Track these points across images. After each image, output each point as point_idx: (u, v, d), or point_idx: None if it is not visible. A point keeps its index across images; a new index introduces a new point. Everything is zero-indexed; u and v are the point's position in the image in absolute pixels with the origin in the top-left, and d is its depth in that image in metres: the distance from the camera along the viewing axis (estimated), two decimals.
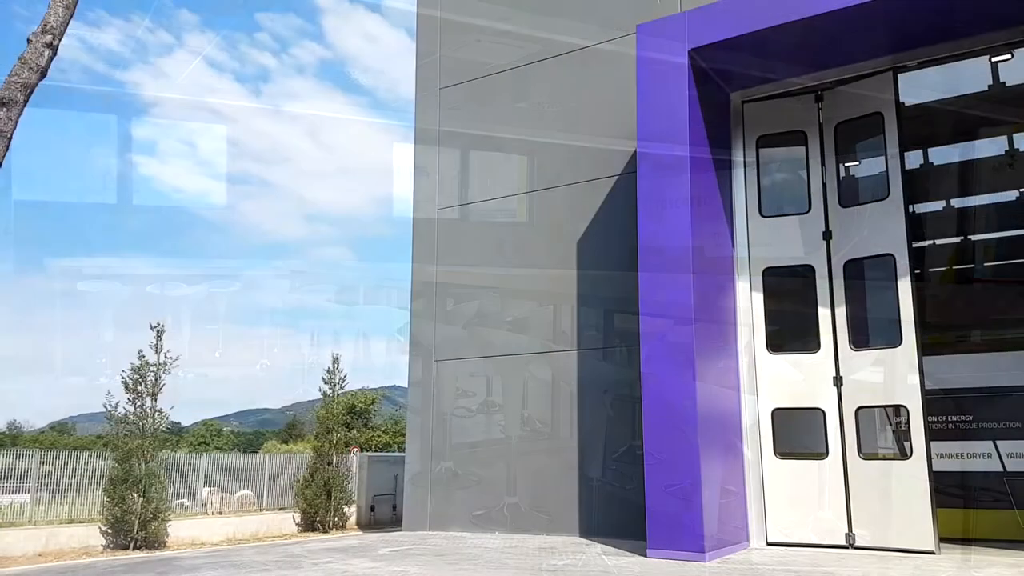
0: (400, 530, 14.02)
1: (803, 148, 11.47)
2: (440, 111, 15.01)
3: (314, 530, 19.44)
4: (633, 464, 11.11)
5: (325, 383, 21.48)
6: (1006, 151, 14.68)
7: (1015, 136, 14.63)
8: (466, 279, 14.14)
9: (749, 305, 11.22)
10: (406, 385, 14.74)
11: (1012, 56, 11.64)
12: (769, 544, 10.55)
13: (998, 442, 11.80)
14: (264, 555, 10.72)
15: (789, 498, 10.58)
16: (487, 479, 13.10)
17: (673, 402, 9.74)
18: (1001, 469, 11.75)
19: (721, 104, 11.45)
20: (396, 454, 29.04)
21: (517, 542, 11.26)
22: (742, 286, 11.26)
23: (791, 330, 11.32)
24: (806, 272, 11.11)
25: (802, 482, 10.58)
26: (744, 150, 11.63)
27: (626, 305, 11.65)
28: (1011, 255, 20.32)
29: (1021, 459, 11.65)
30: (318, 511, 19.51)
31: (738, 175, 11.58)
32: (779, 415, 10.88)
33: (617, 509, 11.61)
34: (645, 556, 9.50)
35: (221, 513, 20.29)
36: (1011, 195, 17.04)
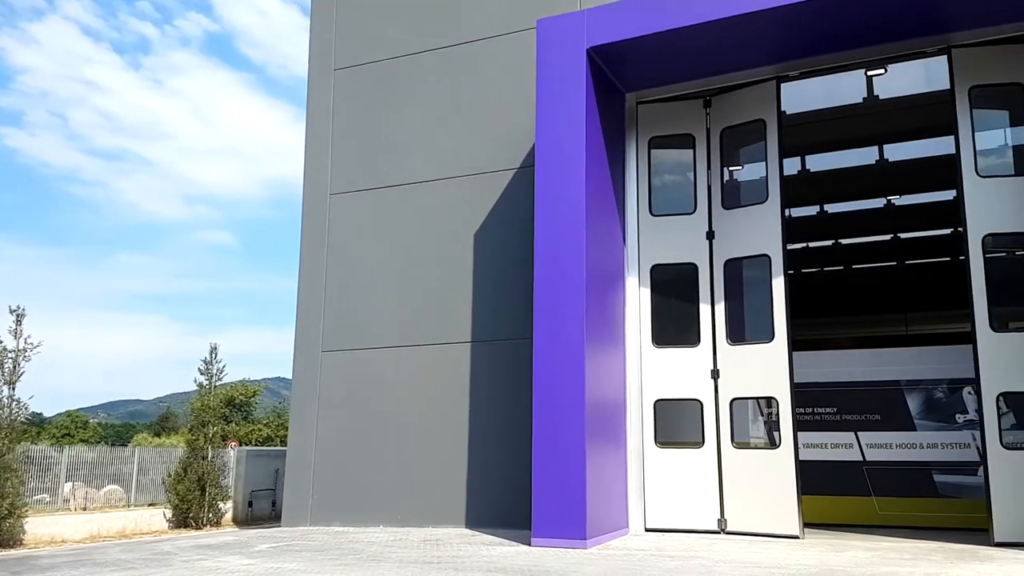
0: (279, 526, 13.59)
1: (691, 151, 11.86)
2: (335, 93, 14.60)
3: (187, 527, 18.60)
4: (521, 455, 11.19)
5: (201, 374, 20.58)
6: (876, 160, 15.68)
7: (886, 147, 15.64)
8: (357, 268, 13.82)
9: (637, 300, 11.52)
10: (290, 376, 14.28)
11: (886, 71, 12.44)
12: (647, 530, 10.89)
13: (859, 433, 12.63)
14: (130, 553, 10.13)
15: (667, 486, 10.95)
16: (372, 473, 12.86)
17: (563, 394, 9.86)
18: (861, 459, 12.58)
19: (617, 104, 11.68)
20: (278, 448, 28.20)
21: (401, 535, 11.13)
22: (631, 282, 11.55)
23: (675, 325, 11.70)
24: (690, 270, 11.51)
25: (680, 470, 10.96)
26: (637, 150, 11.93)
27: (521, 298, 11.70)
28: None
29: (878, 449, 12.51)
30: (191, 507, 18.68)
31: (631, 174, 11.86)
32: (661, 406, 11.23)
33: (505, 500, 11.65)
34: (529, 545, 9.59)
35: (85, 509, 19.13)
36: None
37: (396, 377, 13.03)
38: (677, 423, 11.38)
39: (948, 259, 18.39)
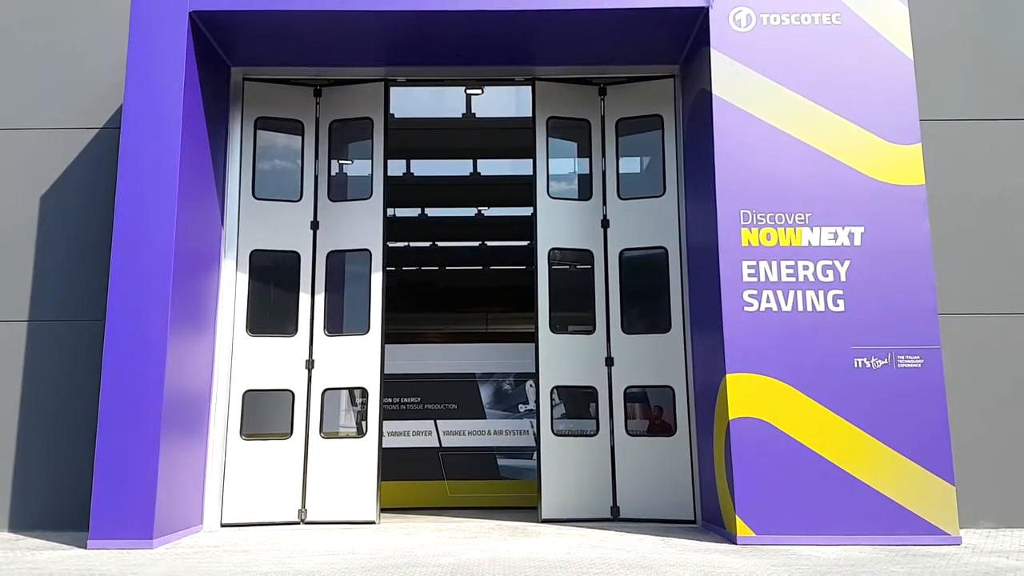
0: None
1: (300, 138, 11.74)
2: None
3: None
4: (84, 449, 10.01)
5: None
6: (471, 173, 17.16)
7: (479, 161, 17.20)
8: None
9: (233, 286, 11.03)
10: None
11: (482, 91, 13.65)
12: (224, 525, 10.46)
13: (438, 421, 13.67)
14: None
15: (249, 479, 10.66)
16: None
17: (137, 384, 9.00)
18: (438, 445, 13.63)
19: (222, 76, 11.04)
20: None
21: None
22: (228, 266, 11.00)
23: (272, 313, 11.47)
24: (292, 258, 11.39)
25: (264, 462, 10.75)
26: (242, 128, 11.38)
27: (96, 275, 10.44)
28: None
29: (453, 436, 13.67)
30: None
31: (233, 153, 11.26)
32: (250, 397, 10.90)
33: (60, 499, 10.26)
34: (86, 548, 8.60)
35: None
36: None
37: None
38: (267, 414, 11.16)
39: (524, 268, 20.79)
